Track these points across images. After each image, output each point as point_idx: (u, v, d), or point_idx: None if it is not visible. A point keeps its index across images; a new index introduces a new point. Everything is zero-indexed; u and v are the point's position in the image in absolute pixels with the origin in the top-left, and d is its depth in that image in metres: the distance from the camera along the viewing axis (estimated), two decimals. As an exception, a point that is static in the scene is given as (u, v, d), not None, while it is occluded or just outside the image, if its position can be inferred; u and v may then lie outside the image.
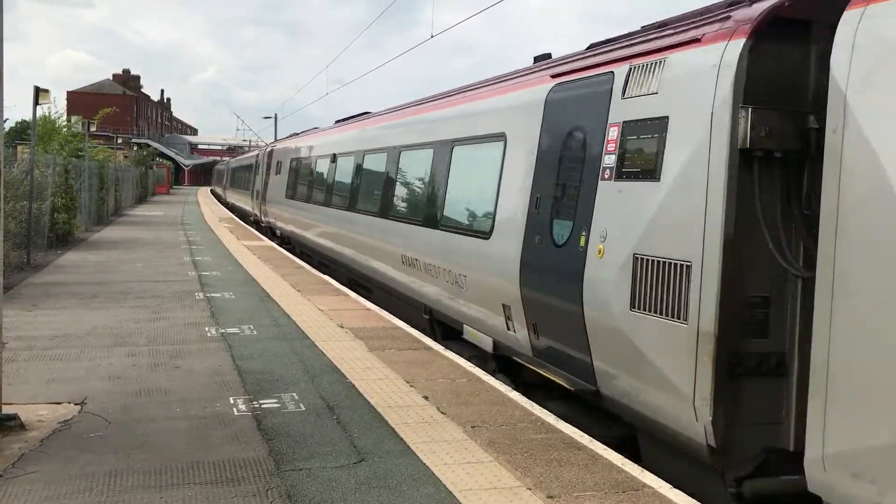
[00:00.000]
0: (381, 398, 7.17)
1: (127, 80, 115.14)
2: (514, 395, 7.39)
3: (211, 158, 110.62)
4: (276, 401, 7.02)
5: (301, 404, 6.94)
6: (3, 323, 6.37)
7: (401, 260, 11.66)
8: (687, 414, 5.50)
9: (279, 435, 6.10)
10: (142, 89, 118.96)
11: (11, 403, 6.43)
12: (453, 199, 10.17)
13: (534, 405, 7.10)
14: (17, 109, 33.68)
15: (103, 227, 28.00)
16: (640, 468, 5.67)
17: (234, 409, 6.76)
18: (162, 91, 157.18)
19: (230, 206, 45.75)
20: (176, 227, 29.47)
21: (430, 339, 9.91)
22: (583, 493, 5.15)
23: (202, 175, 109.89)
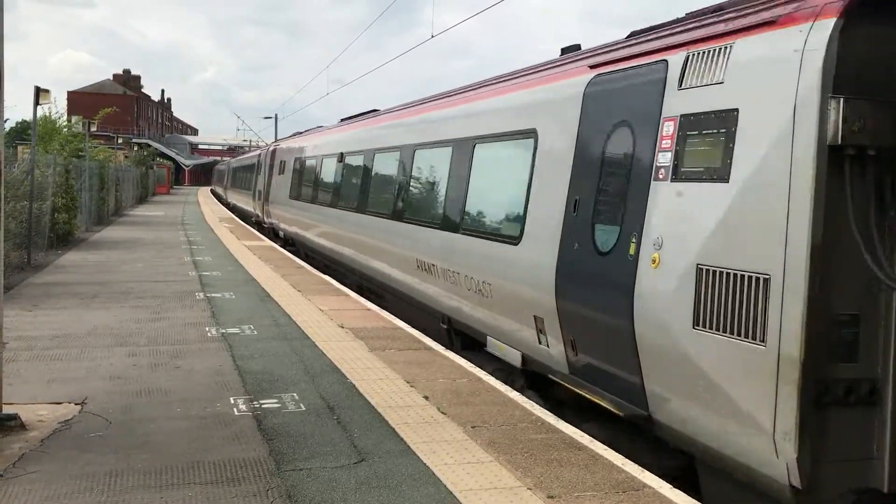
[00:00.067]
0: (382, 398, 7.18)
1: (127, 80, 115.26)
2: (514, 396, 7.39)
3: (211, 158, 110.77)
4: (276, 401, 7.02)
5: (301, 404, 6.94)
6: (4, 323, 6.37)
7: (416, 265, 11.06)
8: (764, 449, 4.89)
9: (279, 435, 6.11)
10: (142, 89, 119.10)
11: (12, 403, 6.44)
12: (475, 202, 9.49)
13: (534, 405, 7.09)
14: (18, 109, 33.86)
15: (104, 228, 28.01)
16: (640, 468, 5.65)
17: (235, 409, 6.76)
18: (162, 91, 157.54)
19: (231, 207, 45.61)
20: (176, 227, 29.47)
21: (430, 340, 9.89)
22: (583, 493, 5.15)
23: (202, 175, 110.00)
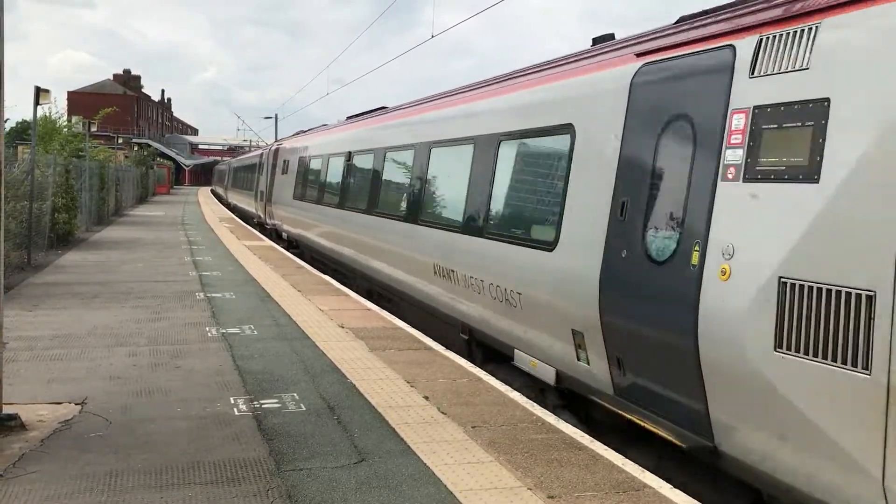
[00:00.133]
0: (382, 398, 7.17)
1: (127, 80, 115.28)
2: (514, 396, 7.38)
3: (211, 158, 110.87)
4: (276, 401, 7.02)
5: (302, 404, 6.94)
6: (4, 323, 6.37)
7: (433, 270, 10.40)
8: (870, 496, 4.33)
9: (280, 435, 6.11)
10: (142, 89, 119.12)
11: (12, 403, 6.44)
12: (501, 203, 8.79)
13: (534, 405, 7.08)
14: (18, 109, 33.93)
15: (104, 227, 28.01)
16: (640, 468, 5.65)
17: (235, 409, 6.76)
18: (162, 91, 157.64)
19: (232, 208, 45.44)
20: (176, 227, 29.47)
21: (430, 340, 9.87)
22: (583, 493, 5.14)
23: (203, 175, 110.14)
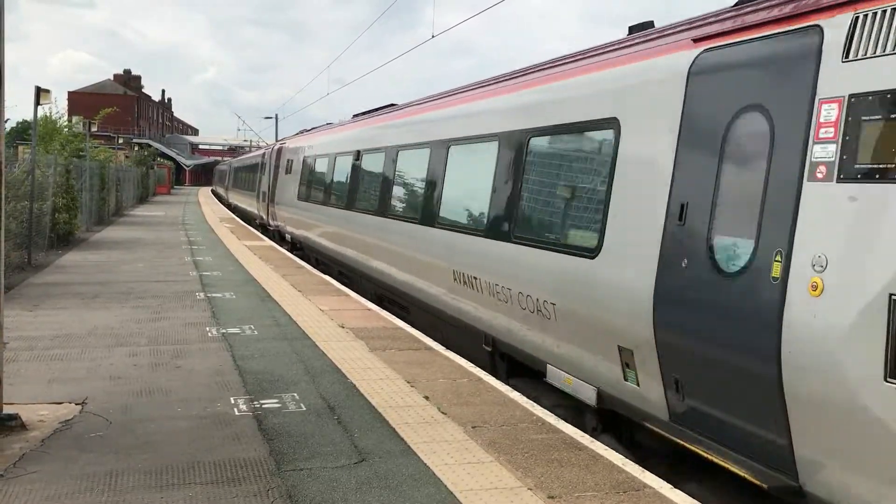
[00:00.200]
0: (382, 398, 7.18)
1: (128, 80, 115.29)
2: (515, 396, 7.38)
3: (212, 159, 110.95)
4: (276, 401, 7.02)
5: (302, 404, 6.94)
6: (5, 323, 6.37)
7: (452, 277, 9.72)
8: None
9: (280, 435, 6.11)
10: (143, 90, 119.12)
11: (12, 403, 6.44)
12: (532, 205, 8.12)
13: (534, 405, 7.07)
14: (18, 110, 34.10)
15: (104, 228, 28.01)
16: (640, 468, 5.64)
17: (235, 409, 6.76)
18: (163, 91, 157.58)
19: (233, 208, 45.28)
20: (177, 227, 29.48)
21: (430, 340, 9.86)
22: (584, 493, 5.14)
23: (203, 175, 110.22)
